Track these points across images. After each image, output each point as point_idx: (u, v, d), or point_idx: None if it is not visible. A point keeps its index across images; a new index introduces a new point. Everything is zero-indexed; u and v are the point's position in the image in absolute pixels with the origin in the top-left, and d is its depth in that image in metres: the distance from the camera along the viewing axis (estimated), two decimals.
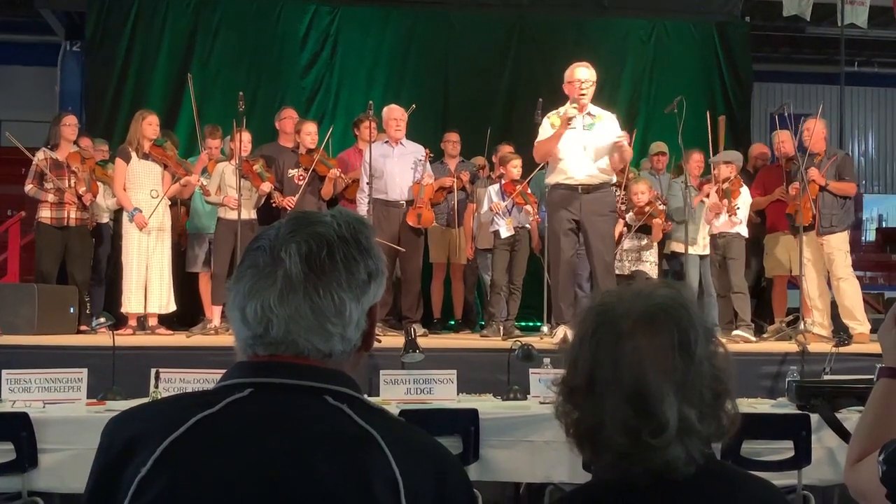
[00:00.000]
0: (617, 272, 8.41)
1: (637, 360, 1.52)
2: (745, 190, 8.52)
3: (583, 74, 7.34)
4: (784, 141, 8.74)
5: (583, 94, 7.28)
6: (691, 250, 8.51)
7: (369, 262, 1.49)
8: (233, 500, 1.35)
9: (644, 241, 8.68)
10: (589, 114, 7.38)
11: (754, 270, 9.33)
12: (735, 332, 8.11)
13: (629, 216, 8.59)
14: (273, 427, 1.39)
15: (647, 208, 8.49)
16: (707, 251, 8.68)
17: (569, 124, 7.22)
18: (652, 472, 1.52)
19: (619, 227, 8.52)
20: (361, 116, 9.24)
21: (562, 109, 7.38)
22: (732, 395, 1.59)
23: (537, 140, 7.48)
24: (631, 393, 1.51)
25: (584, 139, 7.29)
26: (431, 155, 8.70)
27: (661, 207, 8.63)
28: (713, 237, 8.55)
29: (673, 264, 9.02)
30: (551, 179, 7.44)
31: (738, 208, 8.33)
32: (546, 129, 7.41)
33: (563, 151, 7.30)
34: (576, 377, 1.58)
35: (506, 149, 9.09)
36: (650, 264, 8.67)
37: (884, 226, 17.64)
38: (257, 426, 1.39)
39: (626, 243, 8.58)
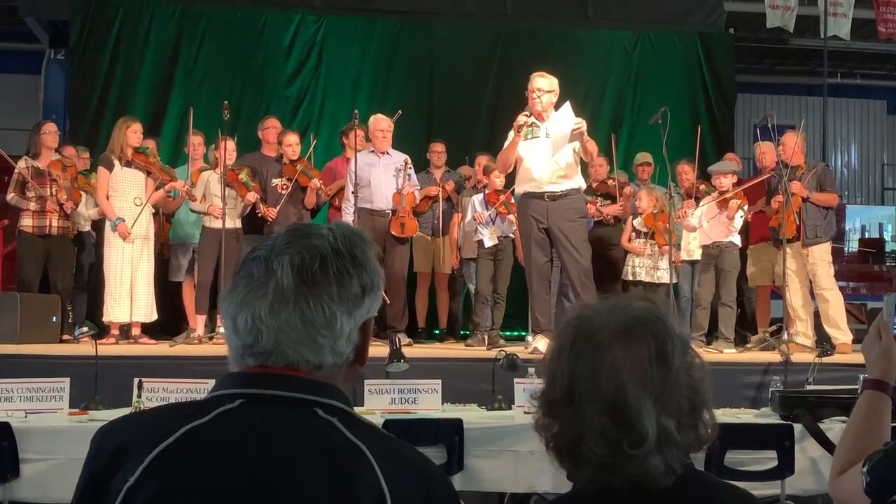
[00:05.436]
0: (630, 278, 8.47)
1: (615, 371, 1.53)
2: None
3: (538, 84, 7.31)
4: (765, 152, 8.77)
5: (535, 101, 7.25)
6: (683, 257, 8.53)
7: (363, 277, 1.49)
8: None
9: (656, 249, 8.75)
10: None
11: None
12: (714, 344, 8.12)
13: (636, 221, 8.68)
14: (262, 439, 1.39)
15: (654, 212, 8.60)
16: (698, 257, 8.61)
17: (519, 132, 7.20)
18: (631, 482, 1.54)
19: (628, 232, 8.76)
20: (349, 125, 9.21)
21: (520, 118, 7.34)
22: (710, 406, 1.60)
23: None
24: (609, 404, 1.52)
25: (548, 147, 7.24)
26: (411, 165, 8.67)
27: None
28: (706, 247, 8.45)
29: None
30: (520, 189, 7.43)
31: (744, 208, 8.37)
32: (510, 138, 7.38)
33: (529, 160, 7.27)
34: (554, 390, 1.60)
35: (485, 159, 9.07)
36: (663, 272, 8.70)
37: (866, 236, 17.72)
38: (247, 438, 1.39)
39: (645, 251, 8.69)
